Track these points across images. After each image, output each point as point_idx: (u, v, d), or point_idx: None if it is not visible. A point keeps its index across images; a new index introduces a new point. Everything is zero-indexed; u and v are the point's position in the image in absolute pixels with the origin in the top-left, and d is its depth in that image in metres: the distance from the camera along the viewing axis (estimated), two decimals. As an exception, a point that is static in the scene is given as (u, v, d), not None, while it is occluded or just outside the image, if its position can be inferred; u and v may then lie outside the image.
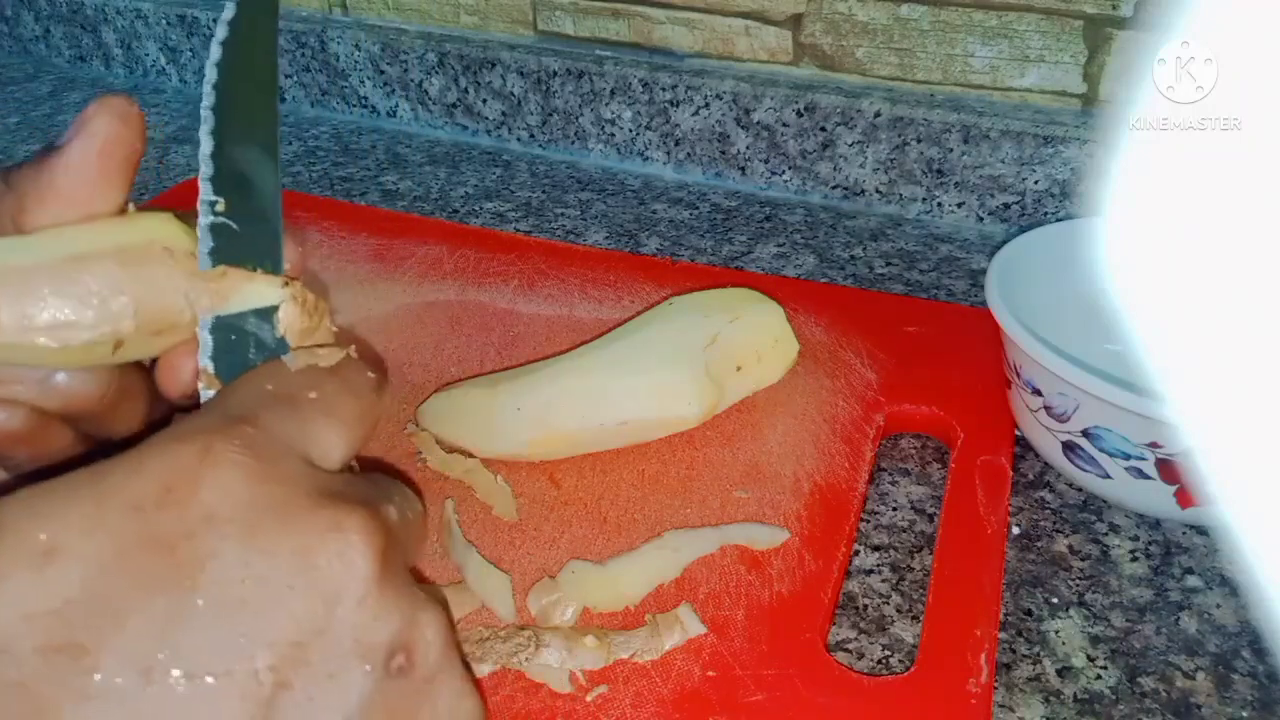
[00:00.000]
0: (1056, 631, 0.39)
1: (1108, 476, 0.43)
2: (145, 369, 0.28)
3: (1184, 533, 0.43)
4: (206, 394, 0.26)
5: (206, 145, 0.27)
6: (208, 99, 0.27)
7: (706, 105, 0.70)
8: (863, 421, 0.47)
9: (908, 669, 0.37)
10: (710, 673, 0.36)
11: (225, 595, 0.20)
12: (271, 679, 0.20)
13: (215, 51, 0.27)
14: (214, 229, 0.26)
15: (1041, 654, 0.38)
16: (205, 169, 0.27)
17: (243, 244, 0.27)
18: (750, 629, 0.38)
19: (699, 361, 0.45)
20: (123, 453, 0.21)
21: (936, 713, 0.35)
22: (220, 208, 0.27)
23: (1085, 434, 0.42)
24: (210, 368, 0.26)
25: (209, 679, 0.19)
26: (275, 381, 0.25)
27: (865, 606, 0.40)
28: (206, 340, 0.26)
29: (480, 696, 0.25)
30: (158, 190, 0.72)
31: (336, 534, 0.21)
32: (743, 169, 0.72)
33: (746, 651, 0.37)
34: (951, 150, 0.64)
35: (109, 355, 0.25)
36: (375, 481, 0.25)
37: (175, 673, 0.19)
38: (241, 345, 0.26)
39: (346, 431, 0.25)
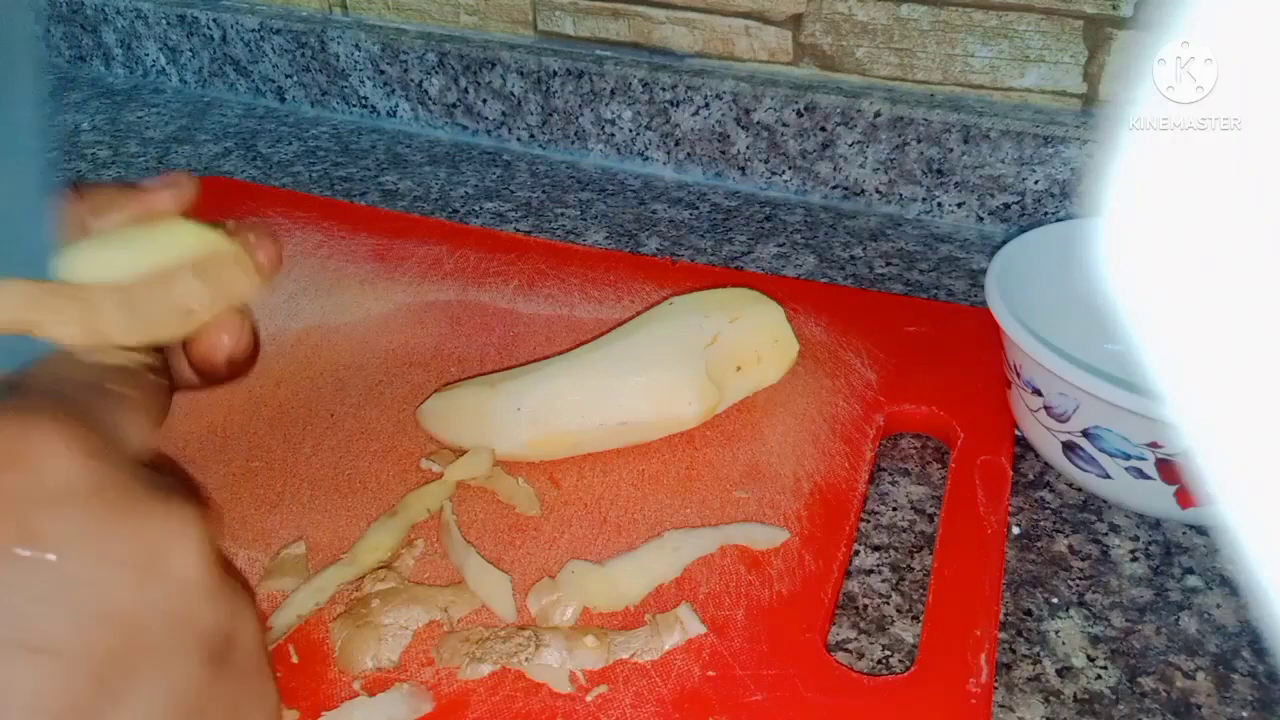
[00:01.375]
0: (1056, 631, 0.39)
1: (1108, 476, 0.43)
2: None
3: (1184, 533, 0.43)
4: None
5: None
6: None
7: (706, 105, 0.70)
8: (863, 421, 0.47)
9: (908, 669, 0.37)
10: (710, 673, 0.36)
11: (70, 571, 0.20)
12: (109, 656, 0.20)
13: None
14: None
15: (1041, 654, 0.38)
16: None
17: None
18: (750, 629, 0.38)
19: (699, 361, 0.45)
20: None
21: (936, 713, 0.35)
22: None
23: (1085, 434, 0.42)
24: None
25: (50, 651, 0.19)
26: (78, 371, 0.25)
27: (865, 606, 0.40)
28: None
29: (278, 685, 0.26)
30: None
31: (175, 520, 0.22)
32: (743, 169, 0.72)
33: (746, 651, 0.37)
34: (951, 150, 0.64)
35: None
36: (174, 476, 0.25)
37: (16, 643, 0.19)
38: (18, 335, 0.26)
39: (148, 426, 0.25)
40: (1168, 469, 0.40)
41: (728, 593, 0.39)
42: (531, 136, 0.78)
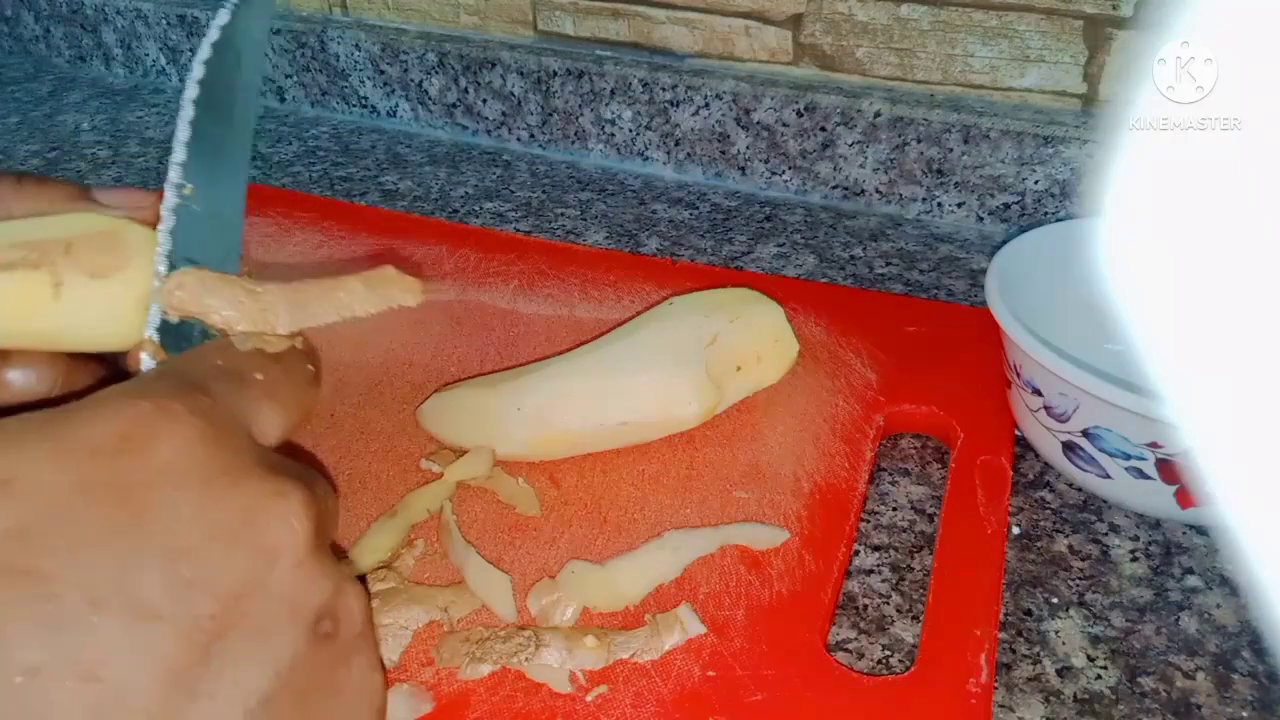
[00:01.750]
0: (1056, 631, 0.39)
1: (1108, 476, 0.43)
2: (99, 362, 0.31)
3: (1184, 533, 0.43)
4: (149, 362, 0.28)
5: (183, 132, 0.30)
6: (191, 90, 0.30)
7: (706, 105, 0.70)
8: (863, 421, 0.47)
9: (908, 669, 0.37)
10: (710, 673, 0.36)
11: (177, 542, 0.21)
12: (210, 626, 0.21)
13: (205, 49, 0.30)
14: (177, 210, 0.29)
15: (1041, 654, 0.38)
16: (177, 154, 0.30)
17: (202, 230, 0.30)
18: (750, 629, 0.38)
19: (699, 362, 0.45)
20: (75, 400, 0.22)
21: (937, 713, 0.35)
22: (187, 191, 0.30)
23: (1085, 434, 0.42)
24: (156, 338, 0.28)
25: (154, 618, 0.20)
26: (225, 359, 0.26)
27: (865, 606, 0.40)
28: (155, 313, 0.28)
29: (385, 677, 0.27)
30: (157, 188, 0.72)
31: (281, 500, 0.23)
32: (743, 169, 0.72)
33: (746, 651, 0.37)
34: (951, 150, 0.64)
35: (49, 299, 0.27)
36: (299, 465, 0.26)
37: (123, 608, 0.20)
38: (187, 322, 0.28)
39: (285, 415, 0.26)
40: (1167, 469, 0.40)
41: (728, 593, 0.39)
42: (531, 136, 0.78)
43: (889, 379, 0.50)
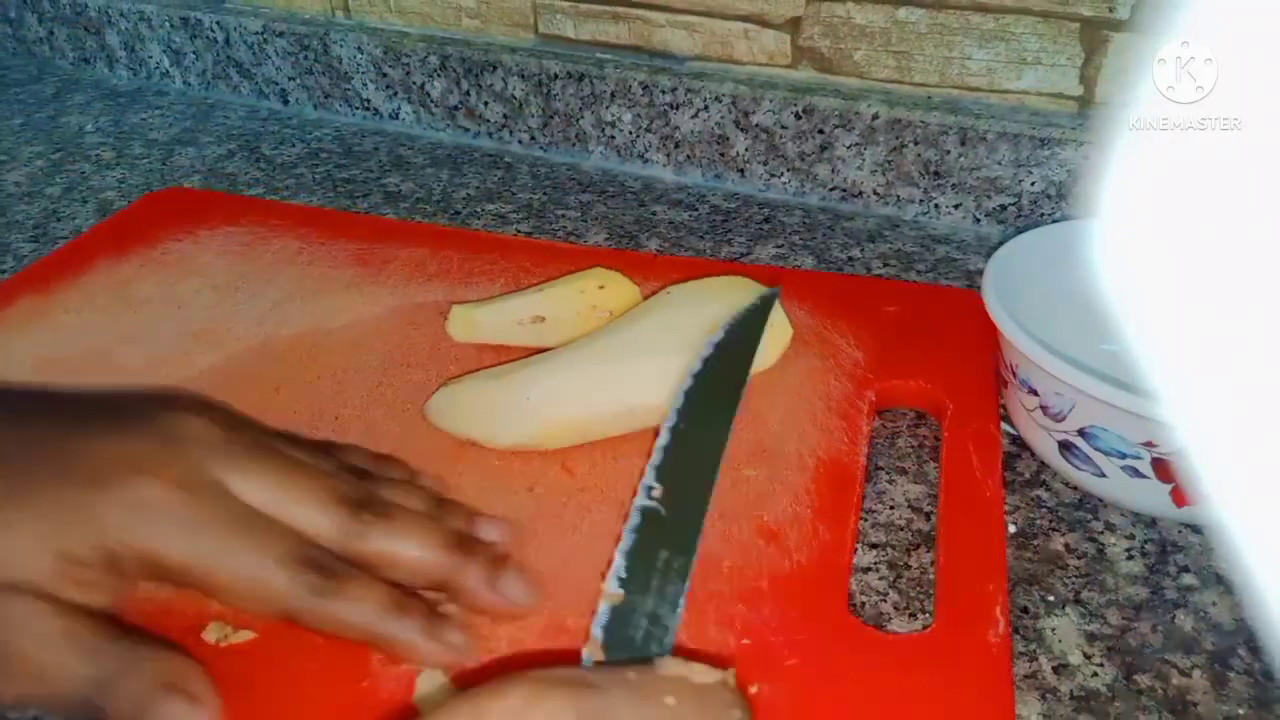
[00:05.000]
0: (1053, 629, 0.39)
1: (1103, 475, 0.43)
2: None
3: (1180, 531, 0.44)
4: (587, 657, 0.31)
5: (664, 438, 0.37)
6: (678, 400, 0.38)
7: (706, 108, 0.70)
8: (855, 398, 0.49)
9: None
10: (745, 641, 0.37)
11: None
12: None
13: (696, 364, 0.40)
14: (644, 511, 0.34)
15: (1038, 651, 0.39)
16: (655, 457, 0.36)
17: (664, 530, 0.34)
18: (776, 598, 0.39)
19: (700, 346, 0.46)
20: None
21: (964, 662, 0.36)
22: (656, 493, 0.35)
23: (1081, 433, 0.42)
24: (600, 638, 0.31)
25: None
26: (640, 677, 0.27)
27: (864, 605, 0.41)
28: (604, 612, 0.32)
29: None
30: (159, 189, 0.72)
31: None
32: (742, 171, 0.72)
33: (777, 619, 0.38)
34: (949, 152, 0.65)
35: None
36: None
37: None
38: (634, 630, 0.32)
39: None
40: (1163, 468, 0.41)
41: (749, 564, 0.40)
42: (532, 139, 0.78)
43: (877, 357, 0.52)
